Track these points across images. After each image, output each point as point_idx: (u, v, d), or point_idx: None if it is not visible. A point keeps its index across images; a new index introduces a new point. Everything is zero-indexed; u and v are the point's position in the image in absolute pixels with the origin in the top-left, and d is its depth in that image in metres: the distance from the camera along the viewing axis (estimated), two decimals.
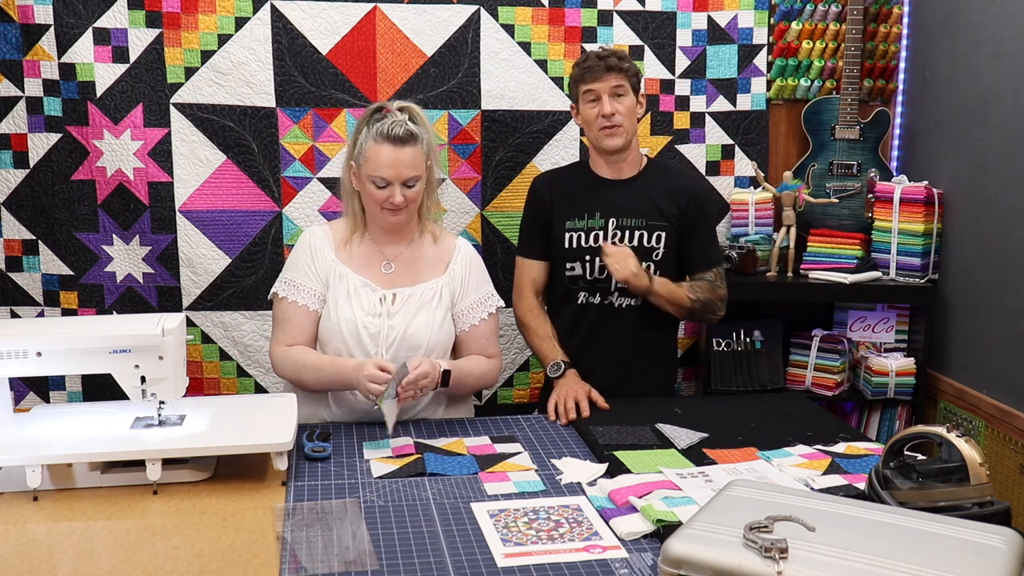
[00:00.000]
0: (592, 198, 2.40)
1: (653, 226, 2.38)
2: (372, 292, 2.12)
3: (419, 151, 2.07)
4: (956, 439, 1.46)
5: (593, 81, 2.32)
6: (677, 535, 1.23)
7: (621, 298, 2.39)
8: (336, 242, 2.17)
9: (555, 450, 1.91)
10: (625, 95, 2.33)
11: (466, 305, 2.20)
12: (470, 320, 2.20)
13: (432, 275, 2.18)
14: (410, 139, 2.05)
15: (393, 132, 2.04)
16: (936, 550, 1.18)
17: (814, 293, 3.02)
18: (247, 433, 1.77)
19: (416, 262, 2.18)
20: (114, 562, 1.42)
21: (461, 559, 1.42)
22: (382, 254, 2.17)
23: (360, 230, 2.18)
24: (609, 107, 2.31)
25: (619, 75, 2.32)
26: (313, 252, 2.15)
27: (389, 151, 2.04)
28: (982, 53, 2.75)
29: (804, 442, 1.94)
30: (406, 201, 2.07)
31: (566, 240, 2.40)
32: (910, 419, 3.03)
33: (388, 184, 2.05)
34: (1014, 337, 2.61)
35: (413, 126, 2.07)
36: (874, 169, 3.12)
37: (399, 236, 2.18)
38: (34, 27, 2.77)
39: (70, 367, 1.76)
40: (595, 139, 2.38)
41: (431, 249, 2.21)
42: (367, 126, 2.08)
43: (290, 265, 2.18)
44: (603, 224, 2.38)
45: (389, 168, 2.04)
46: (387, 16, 2.93)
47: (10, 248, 2.87)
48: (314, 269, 2.14)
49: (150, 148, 2.86)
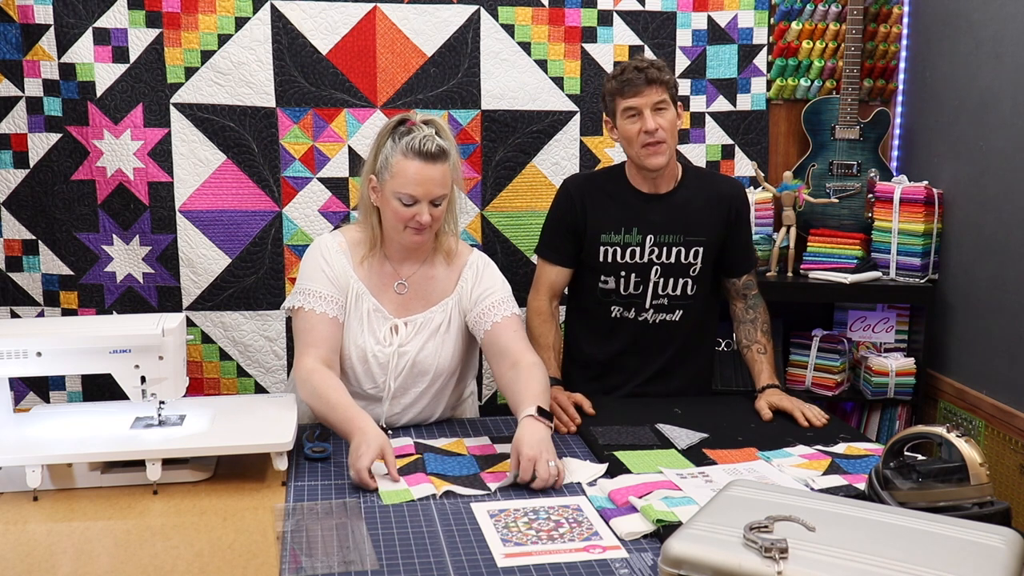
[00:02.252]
0: (630, 213, 2.32)
1: (691, 242, 2.31)
2: (384, 320, 2.06)
3: (447, 168, 1.97)
4: (956, 439, 1.46)
5: (633, 96, 2.19)
6: (677, 535, 1.22)
7: (657, 314, 2.34)
8: (352, 256, 2.08)
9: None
10: (667, 109, 2.21)
11: (480, 311, 2.07)
12: (485, 324, 2.06)
13: (443, 295, 2.10)
14: (441, 156, 1.95)
15: (425, 148, 1.94)
16: (936, 550, 1.18)
17: (814, 293, 3.02)
18: (247, 433, 1.77)
19: (429, 282, 2.11)
20: (114, 562, 1.42)
21: (461, 559, 1.42)
22: (397, 273, 2.09)
23: (377, 247, 2.08)
24: (652, 123, 2.18)
25: (660, 88, 2.19)
26: (330, 262, 2.05)
27: (419, 168, 1.94)
28: (982, 53, 2.75)
29: (804, 442, 1.94)
30: (432, 220, 1.98)
31: (601, 254, 2.32)
32: (910, 419, 3.03)
33: (416, 202, 1.95)
34: (1014, 337, 2.61)
35: (443, 142, 1.97)
36: (874, 169, 3.12)
37: (416, 255, 2.10)
38: (34, 27, 2.77)
39: (70, 367, 1.76)
40: (636, 157, 2.26)
41: (443, 268, 2.12)
42: (393, 139, 1.98)
43: (306, 275, 2.05)
44: (640, 240, 2.30)
45: (419, 186, 1.94)
46: (387, 16, 2.93)
47: (10, 248, 2.87)
48: (333, 277, 2.04)
49: (150, 148, 2.86)
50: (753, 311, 2.39)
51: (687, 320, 2.36)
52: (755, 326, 2.38)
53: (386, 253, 2.09)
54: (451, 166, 1.99)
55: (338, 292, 2.04)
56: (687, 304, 2.35)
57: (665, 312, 2.34)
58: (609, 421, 2.06)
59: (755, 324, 2.38)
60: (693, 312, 2.36)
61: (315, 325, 2.00)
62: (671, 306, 2.34)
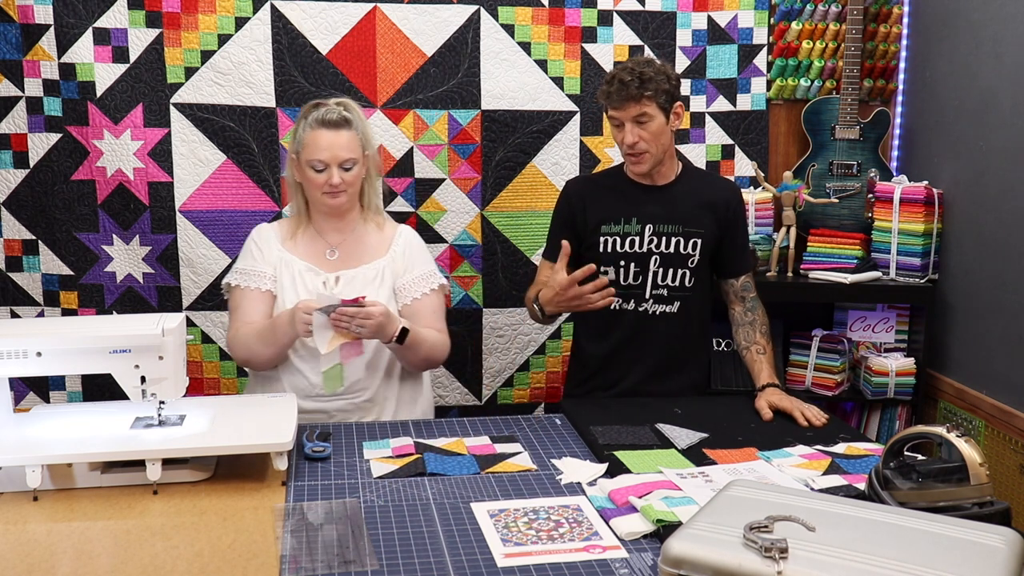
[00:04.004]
0: (629, 204, 2.36)
1: (690, 233, 2.33)
2: (316, 276, 2.21)
3: (354, 136, 2.17)
4: (956, 439, 1.46)
5: (615, 109, 2.26)
6: (677, 535, 1.22)
7: (656, 305, 2.35)
8: (282, 235, 2.27)
9: (555, 450, 1.91)
10: (649, 121, 2.24)
11: (408, 280, 2.26)
12: (412, 293, 2.25)
13: (375, 256, 2.26)
14: (344, 123, 2.16)
15: (328, 117, 2.15)
16: (936, 550, 1.18)
17: (814, 293, 3.02)
18: (247, 433, 1.76)
19: (359, 247, 2.26)
20: (114, 562, 1.42)
21: (461, 559, 1.42)
22: (326, 242, 2.25)
23: (305, 223, 2.26)
24: (631, 137, 2.25)
25: (640, 103, 2.21)
26: (260, 244, 2.25)
27: (325, 135, 2.14)
28: (982, 53, 2.75)
29: (804, 442, 1.94)
30: (344, 183, 2.16)
31: (601, 244, 2.35)
32: (910, 419, 3.03)
33: (326, 167, 2.15)
34: (1014, 337, 2.61)
35: (347, 114, 2.18)
36: (874, 169, 3.12)
37: (342, 224, 2.25)
38: (34, 27, 2.77)
39: (70, 367, 1.76)
40: (625, 159, 2.36)
41: (375, 235, 2.28)
42: (305, 119, 2.19)
43: (240, 258, 2.28)
44: (639, 230, 2.33)
45: (326, 151, 2.14)
46: (387, 16, 2.93)
47: (10, 248, 2.87)
48: (263, 257, 2.23)
49: (150, 148, 2.86)
50: (752, 313, 2.40)
51: (684, 312, 2.37)
52: (754, 328, 2.38)
53: (316, 228, 2.26)
54: (359, 136, 2.19)
55: (269, 267, 2.22)
56: (685, 296, 2.36)
57: (664, 303, 2.35)
58: (609, 421, 2.06)
59: (754, 326, 2.38)
60: (690, 305, 2.37)
61: (247, 300, 2.20)
62: (670, 297, 2.35)
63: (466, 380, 3.15)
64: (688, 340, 2.41)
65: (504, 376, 3.16)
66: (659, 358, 2.38)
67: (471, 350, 3.13)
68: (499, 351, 3.14)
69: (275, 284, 2.21)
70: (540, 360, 3.18)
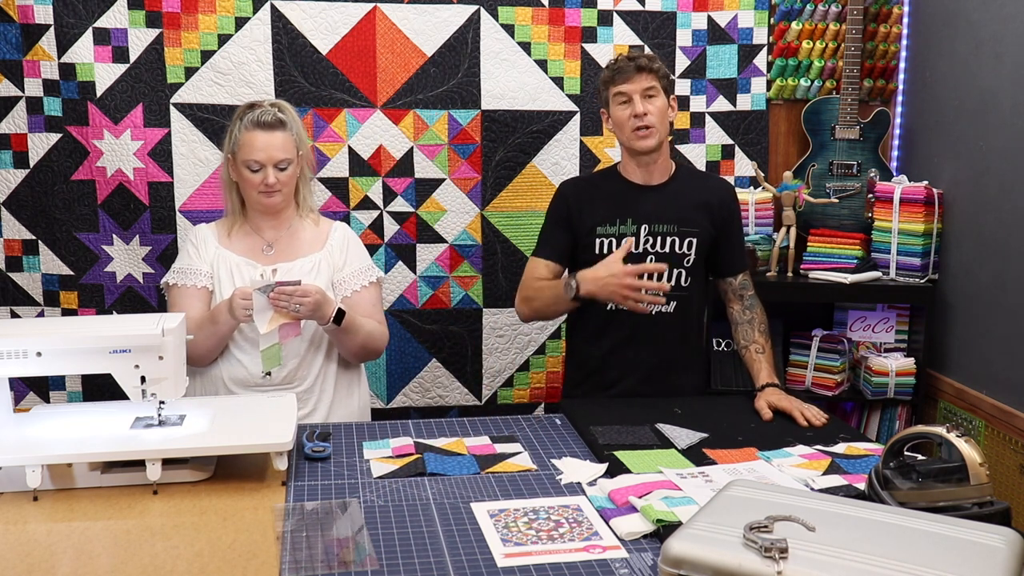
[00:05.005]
0: (624, 204, 2.36)
1: (685, 232, 2.33)
2: (254, 268, 2.25)
3: (288, 137, 2.23)
4: (956, 439, 1.46)
5: (624, 82, 2.28)
6: (677, 535, 1.22)
7: (651, 305, 2.33)
8: (219, 234, 2.32)
9: (555, 450, 1.91)
10: (656, 96, 2.29)
11: (346, 274, 2.31)
12: (351, 286, 2.30)
13: (311, 251, 2.30)
14: (279, 125, 2.21)
15: (263, 119, 2.20)
16: (936, 550, 1.18)
17: (814, 293, 3.02)
18: (247, 433, 1.76)
19: (295, 242, 2.31)
20: (114, 562, 1.42)
21: (461, 559, 1.42)
22: (262, 239, 2.30)
23: (240, 221, 2.32)
24: (641, 107, 2.26)
25: (650, 76, 2.28)
26: (197, 243, 2.30)
27: (260, 136, 2.19)
28: (982, 53, 2.75)
29: (804, 442, 1.94)
30: (279, 183, 2.21)
31: (596, 246, 2.34)
32: (910, 419, 3.03)
33: (261, 167, 2.20)
34: (1014, 337, 2.61)
35: (282, 115, 2.23)
36: (874, 169, 3.12)
37: (278, 221, 2.30)
38: (34, 27, 2.77)
39: (70, 367, 1.76)
40: (627, 140, 2.33)
41: (310, 231, 2.33)
42: (240, 120, 2.23)
43: (177, 259, 2.35)
44: (635, 230, 2.33)
45: (261, 151, 2.19)
46: (387, 16, 2.93)
47: (10, 248, 2.87)
48: (200, 256, 2.28)
49: (150, 148, 2.86)
50: (750, 312, 2.40)
51: (681, 312, 2.36)
52: (752, 326, 2.38)
53: (252, 226, 2.32)
54: (294, 138, 2.24)
55: (205, 265, 2.28)
56: (682, 295, 2.36)
57: (661, 304, 2.35)
58: (609, 421, 2.06)
59: (752, 324, 2.38)
60: (687, 305, 2.37)
61: (184, 297, 2.25)
62: (667, 297, 2.34)
63: (466, 380, 3.15)
64: (686, 340, 2.41)
65: (504, 376, 3.16)
66: (656, 359, 2.37)
67: (471, 350, 3.13)
68: (499, 351, 3.14)
69: (212, 281, 2.26)
70: (540, 360, 3.18)
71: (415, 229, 3.05)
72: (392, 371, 3.10)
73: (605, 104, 2.37)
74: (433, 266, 3.07)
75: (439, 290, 3.09)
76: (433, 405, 3.14)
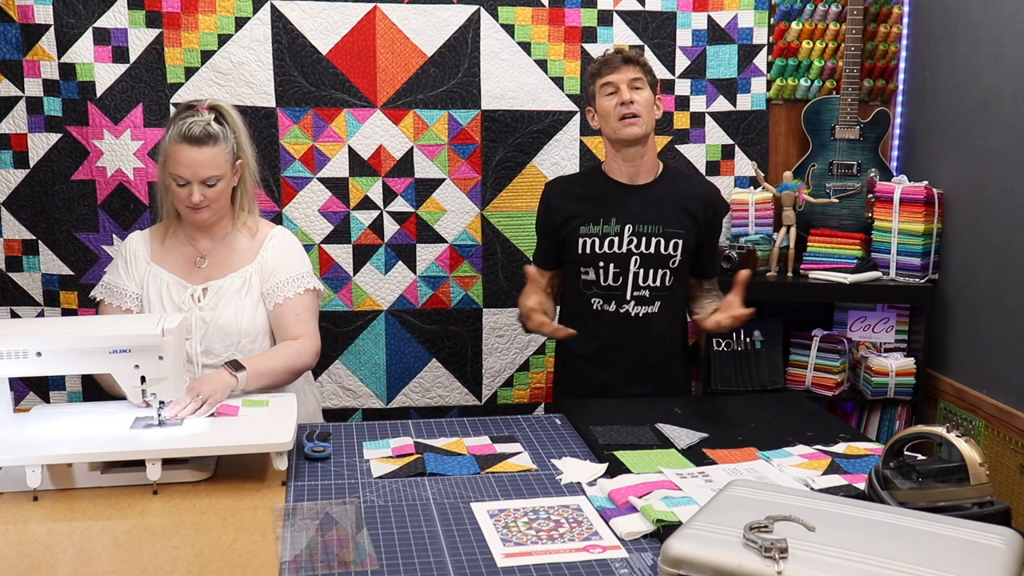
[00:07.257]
0: (608, 204, 2.35)
1: (670, 233, 2.33)
2: (183, 289, 2.16)
3: (219, 151, 2.08)
4: (956, 439, 1.46)
5: (611, 73, 2.30)
6: (677, 535, 1.22)
7: (637, 306, 2.35)
8: (152, 246, 2.21)
9: (555, 450, 1.91)
10: (643, 88, 2.31)
11: (277, 282, 2.19)
12: (283, 294, 2.19)
13: (243, 263, 2.20)
14: (208, 139, 2.06)
15: (191, 132, 2.05)
16: (936, 550, 1.18)
17: (814, 293, 3.02)
18: (247, 433, 1.77)
19: (229, 254, 2.21)
20: (114, 562, 1.42)
21: (461, 559, 1.42)
22: (196, 250, 2.20)
23: (175, 227, 2.21)
24: (627, 95, 2.28)
25: (637, 68, 2.31)
26: (127, 258, 2.20)
27: (186, 151, 2.05)
28: (982, 53, 2.75)
29: (804, 442, 1.94)
30: (207, 200, 2.09)
31: (580, 246, 2.34)
32: (910, 419, 3.03)
33: (187, 183, 2.08)
34: (1014, 337, 2.61)
35: (215, 127, 2.08)
36: (874, 169, 3.12)
37: (211, 232, 2.20)
38: (34, 27, 2.77)
39: (70, 367, 1.76)
40: (613, 131, 2.32)
41: (245, 241, 2.22)
42: (173, 124, 2.09)
43: (109, 270, 2.23)
44: (619, 230, 2.33)
45: (186, 167, 2.06)
46: (387, 16, 2.93)
47: (10, 248, 2.87)
48: (129, 273, 2.18)
49: (150, 148, 2.86)
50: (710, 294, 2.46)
51: (666, 313, 2.37)
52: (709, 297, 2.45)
53: (186, 233, 2.21)
54: (228, 148, 2.10)
55: (134, 283, 2.18)
56: (665, 295, 2.36)
57: (646, 304, 2.35)
58: (609, 421, 2.06)
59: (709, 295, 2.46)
60: (672, 305, 2.38)
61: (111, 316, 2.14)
62: (651, 298, 2.35)
63: (466, 380, 3.15)
64: (671, 341, 2.42)
65: (504, 376, 3.16)
66: (643, 360, 2.38)
67: (471, 350, 3.13)
68: (499, 351, 3.14)
69: (138, 302, 2.18)
70: (540, 360, 3.18)
71: (415, 229, 3.05)
72: (392, 371, 3.10)
73: (591, 100, 2.39)
74: (433, 266, 3.08)
75: (439, 290, 3.09)
76: (433, 405, 3.14)
